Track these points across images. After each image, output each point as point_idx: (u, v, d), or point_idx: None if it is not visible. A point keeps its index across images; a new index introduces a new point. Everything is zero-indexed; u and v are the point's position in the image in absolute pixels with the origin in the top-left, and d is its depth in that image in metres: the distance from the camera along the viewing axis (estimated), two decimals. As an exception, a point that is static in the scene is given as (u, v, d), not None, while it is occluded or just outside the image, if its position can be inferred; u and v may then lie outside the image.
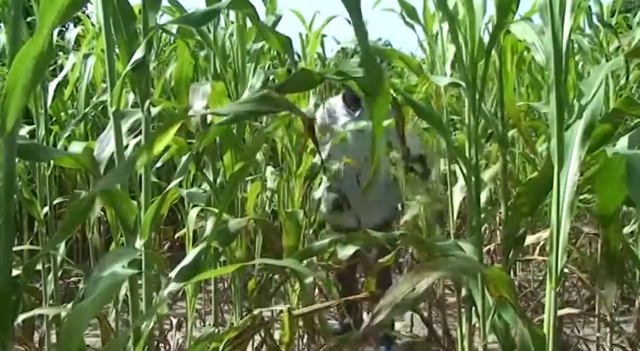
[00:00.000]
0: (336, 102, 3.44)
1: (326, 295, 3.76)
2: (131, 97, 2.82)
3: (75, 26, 4.32)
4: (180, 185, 2.35)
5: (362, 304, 3.29)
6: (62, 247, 2.56)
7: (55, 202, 2.63)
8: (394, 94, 1.32)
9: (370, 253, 2.93)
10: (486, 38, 1.75)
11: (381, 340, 3.38)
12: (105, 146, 1.31)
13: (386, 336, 3.32)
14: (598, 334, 3.22)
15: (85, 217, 1.08)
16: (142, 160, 0.98)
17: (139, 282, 1.36)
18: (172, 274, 1.40)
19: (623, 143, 1.20)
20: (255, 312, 1.41)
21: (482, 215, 2.69)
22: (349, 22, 3.11)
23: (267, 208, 3.04)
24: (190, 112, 1.51)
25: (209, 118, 1.96)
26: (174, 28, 2.37)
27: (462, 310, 1.96)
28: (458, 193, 2.43)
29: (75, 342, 0.79)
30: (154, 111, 1.66)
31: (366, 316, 1.17)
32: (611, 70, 2.99)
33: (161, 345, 2.89)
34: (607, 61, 2.66)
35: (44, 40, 0.74)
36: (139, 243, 1.25)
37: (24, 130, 2.76)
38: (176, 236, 3.80)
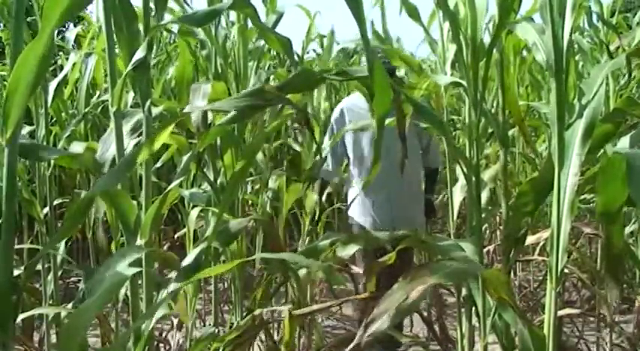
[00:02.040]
0: (356, 97, 3.18)
1: (326, 295, 3.76)
2: (130, 96, 2.81)
3: (75, 26, 4.32)
4: (180, 185, 2.35)
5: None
6: (62, 247, 2.56)
7: (55, 202, 2.63)
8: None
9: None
10: (486, 38, 1.75)
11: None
12: (108, 147, 1.31)
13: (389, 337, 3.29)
14: (598, 334, 3.22)
15: (84, 217, 1.08)
16: (141, 157, 0.97)
17: (140, 282, 1.36)
18: (173, 274, 1.40)
19: (624, 143, 1.20)
20: (256, 312, 1.41)
21: (483, 215, 2.69)
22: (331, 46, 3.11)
23: (267, 208, 3.04)
24: (188, 107, 1.50)
25: (210, 118, 1.96)
26: (175, 27, 2.37)
27: (462, 310, 1.96)
28: (458, 193, 2.43)
29: (76, 341, 0.79)
30: (155, 111, 1.66)
31: None
32: (611, 71, 2.99)
33: (161, 345, 2.89)
34: (611, 58, 2.66)
35: (47, 40, 0.74)
36: (139, 243, 1.24)
37: (24, 131, 2.76)
38: (176, 236, 3.80)
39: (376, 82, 0.85)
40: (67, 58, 3.15)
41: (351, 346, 1.05)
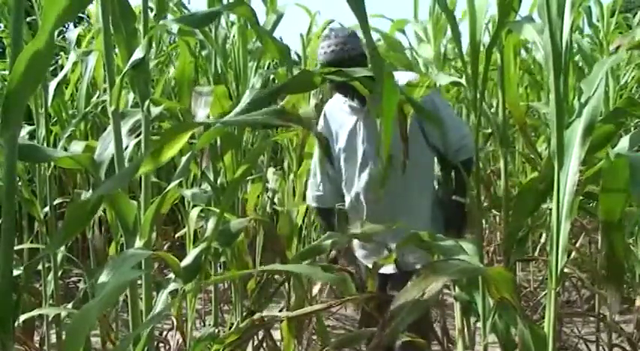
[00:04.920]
0: (334, 101, 2.56)
1: (326, 294, 3.76)
2: (131, 96, 2.82)
3: (75, 26, 4.32)
4: (180, 185, 2.35)
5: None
6: (62, 246, 2.56)
7: (55, 202, 2.63)
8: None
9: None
10: (486, 38, 1.74)
11: None
12: (106, 147, 1.32)
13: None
14: (598, 334, 3.22)
15: (87, 221, 1.08)
16: (148, 167, 0.97)
17: (139, 282, 1.36)
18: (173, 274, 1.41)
19: (623, 144, 1.19)
20: (256, 316, 1.41)
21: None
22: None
23: (267, 209, 3.04)
24: (201, 118, 1.51)
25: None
26: (174, 27, 2.37)
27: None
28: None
29: (80, 342, 0.79)
30: (155, 111, 1.66)
31: None
32: (612, 72, 2.99)
33: (161, 345, 2.89)
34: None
35: (46, 40, 0.74)
36: (138, 243, 1.24)
37: (24, 131, 2.76)
38: (176, 236, 3.81)
39: (379, 80, 0.83)
40: (67, 58, 3.15)
41: (372, 345, 1.04)
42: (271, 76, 3.25)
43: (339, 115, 2.49)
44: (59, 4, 0.73)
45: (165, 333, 3.19)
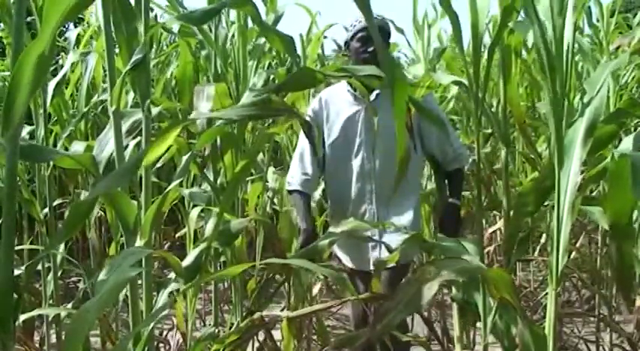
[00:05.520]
0: (339, 89, 2.56)
1: (326, 294, 3.76)
2: (131, 96, 2.82)
3: (75, 26, 4.32)
4: (180, 185, 2.35)
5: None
6: (62, 246, 2.56)
7: (55, 202, 2.63)
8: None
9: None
10: (486, 38, 1.74)
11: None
12: (104, 146, 1.31)
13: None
14: (598, 334, 3.22)
15: (85, 219, 1.08)
16: (145, 161, 0.97)
17: (139, 282, 1.36)
18: (173, 274, 1.41)
19: (626, 144, 1.19)
20: (256, 316, 1.41)
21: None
22: (346, 30, 2.95)
23: (267, 209, 3.04)
24: (194, 114, 1.51)
25: (211, 118, 1.96)
26: (175, 28, 2.37)
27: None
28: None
29: (80, 342, 0.79)
30: (154, 111, 1.66)
31: None
32: (612, 71, 2.99)
33: (161, 345, 2.89)
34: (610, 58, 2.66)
35: (47, 40, 0.74)
36: (139, 243, 1.24)
37: (24, 131, 2.76)
38: (176, 236, 3.81)
39: (389, 76, 0.82)
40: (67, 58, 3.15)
41: (363, 340, 1.04)
42: (271, 76, 3.25)
43: (339, 102, 2.51)
44: (62, 3, 0.72)
45: (165, 333, 3.19)
